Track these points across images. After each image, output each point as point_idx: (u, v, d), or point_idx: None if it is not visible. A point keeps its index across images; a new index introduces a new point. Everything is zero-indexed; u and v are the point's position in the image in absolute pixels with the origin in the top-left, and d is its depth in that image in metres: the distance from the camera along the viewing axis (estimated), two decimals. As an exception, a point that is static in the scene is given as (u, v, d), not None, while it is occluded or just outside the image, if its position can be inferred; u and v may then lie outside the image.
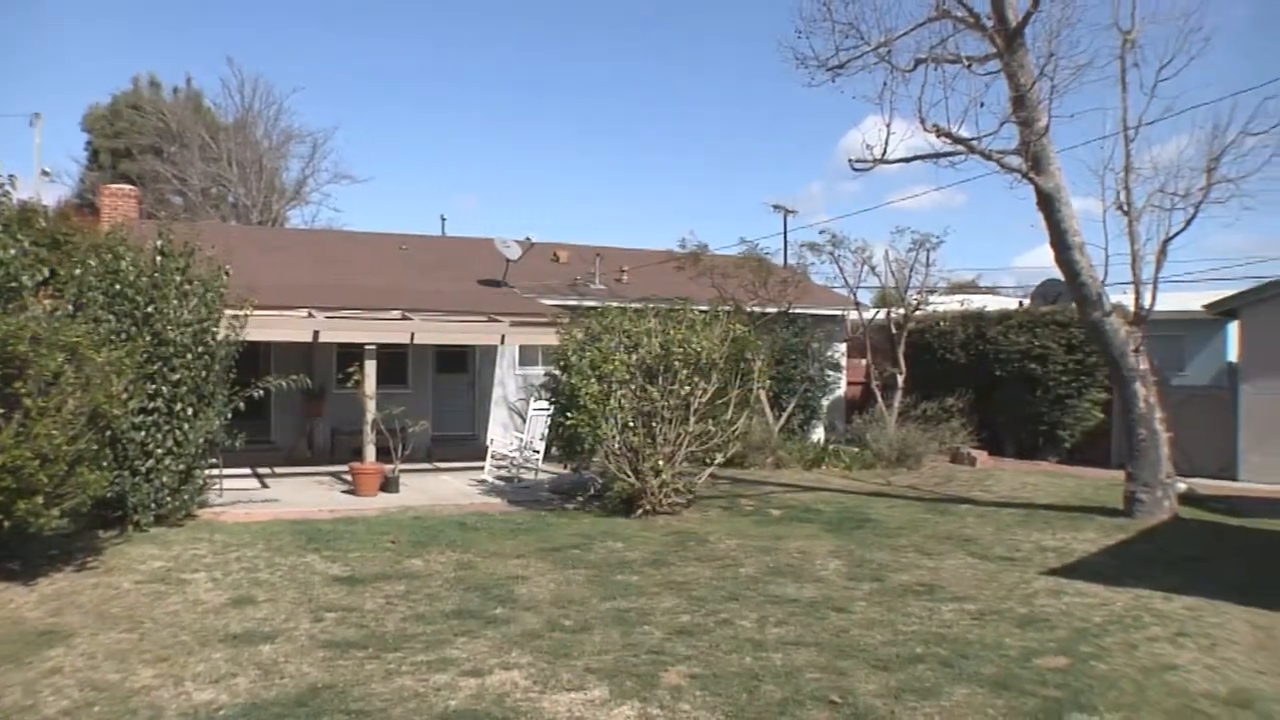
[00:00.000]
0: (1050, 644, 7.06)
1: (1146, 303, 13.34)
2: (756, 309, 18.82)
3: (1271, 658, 6.94)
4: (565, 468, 14.27)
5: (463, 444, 18.73)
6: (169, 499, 10.61)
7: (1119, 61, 12.98)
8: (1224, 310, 18.69)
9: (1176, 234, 13.15)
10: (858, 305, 21.34)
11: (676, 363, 12.51)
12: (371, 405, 13.90)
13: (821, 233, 28.07)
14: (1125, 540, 11.44)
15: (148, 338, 10.44)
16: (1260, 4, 61.04)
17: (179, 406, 10.66)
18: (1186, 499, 14.33)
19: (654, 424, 12.45)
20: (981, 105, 13.43)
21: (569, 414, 12.58)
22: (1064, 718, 5.54)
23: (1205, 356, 22.06)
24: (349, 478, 13.87)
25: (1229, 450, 17.86)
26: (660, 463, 12.29)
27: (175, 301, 10.83)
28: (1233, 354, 19.73)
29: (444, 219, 40.63)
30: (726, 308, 15.82)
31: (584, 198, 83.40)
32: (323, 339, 14.11)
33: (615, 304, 15.15)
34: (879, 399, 20.14)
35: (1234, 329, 19.33)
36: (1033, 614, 7.93)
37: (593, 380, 12.43)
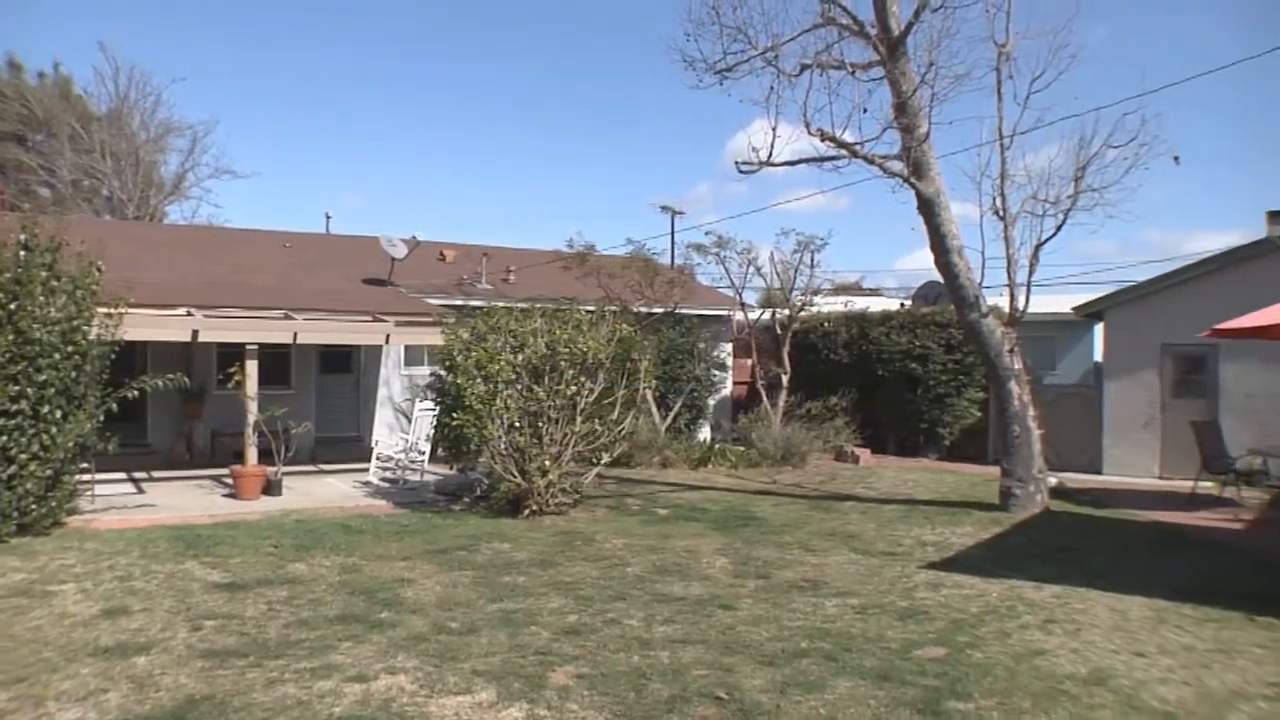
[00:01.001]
0: (929, 635, 7.21)
1: (1021, 304, 13.77)
2: (643, 309, 18.89)
3: (1125, 638, 7.26)
4: (451, 468, 14.10)
5: (347, 445, 18.36)
6: (34, 507, 10.13)
7: (995, 73, 13.42)
8: (1091, 312, 19.42)
9: (1048, 239, 13.66)
10: (743, 306, 21.58)
11: (563, 363, 12.46)
12: (253, 406, 13.52)
13: (708, 234, 28.37)
14: (1000, 534, 11.79)
15: (10, 336, 9.98)
16: (1119, 24, 63.70)
17: (46, 409, 10.21)
18: (1057, 492, 14.83)
19: (540, 424, 12.38)
20: (865, 111, 13.72)
21: (454, 414, 12.43)
22: (942, 706, 5.66)
23: (1075, 356, 22.93)
24: (230, 481, 13.49)
25: (1095, 445, 18.55)
26: (547, 463, 12.22)
27: (41, 298, 10.37)
28: (1099, 354, 20.50)
29: (329, 217, 39.74)
30: (613, 308, 15.84)
31: (472, 197, 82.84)
32: (202, 339, 13.65)
33: (502, 304, 15.06)
34: (764, 398, 20.40)
35: (1100, 330, 20.08)
36: (913, 607, 8.10)
37: (478, 380, 12.30)
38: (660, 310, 19.71)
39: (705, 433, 22.04)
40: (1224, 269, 17.22)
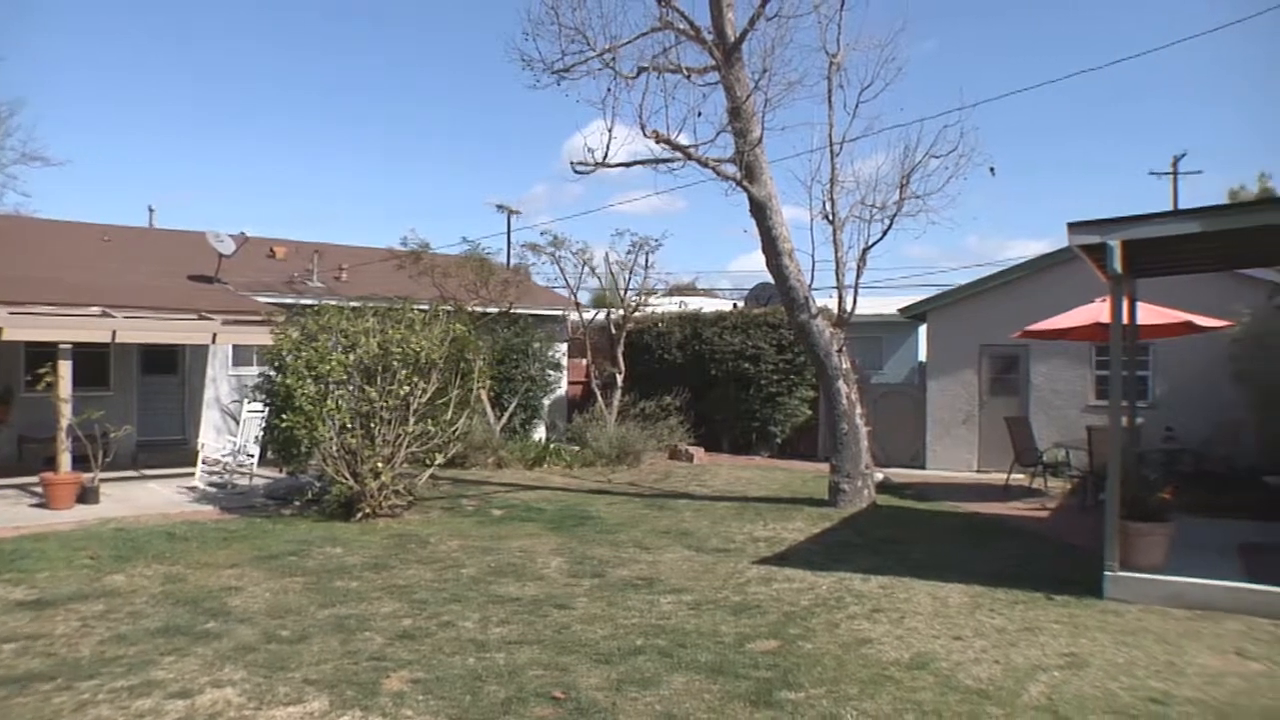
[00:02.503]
0: (762, 629, 7.39)
1: (849, 306, 14.25)
2: (478, 309, 18.76)
3: (945, 623, 7.61)
4: (282, 472, 13.68)
5: (172, 449, 17.59)
6: None
7: (826, 81, 13.88)
8: (915, 314, 20.23)
9: (875, 243, 14.22)
10: (578, 306, 21.64)
11: (395, 362, 12.26)
12: (67, 409, 12.82)
13: (544, 234, 28.41)
14: (830, 528, 12.16)
15: None
16: (945, 40, 66.63)
17: None
18: (883, 487, 15.40)
19: (373, 425, 12.15)
20: (700, 115, 14.01)
21: (284, 416, 12.07)
22: (774, 696, 5.81)
23: (900, 356, 23.85)
24: (40, 489, 12.72)
25: (919, 441, 19.33)
26: (380, 464, 12.00)
27: None
28: (923, 354, 21.36)
29: (152, 210, 38.06)
30: (447, 307, 15.64)
31: (304, 194, 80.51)
32: (8, 337, 12.85)
33: (334, 302, 14.70)
34: (599, 398, 20.51)
35: (924, 331, 20.93)
36: (746, 601, 8.28)
37: (309, 381, 11.99)
38: (495, 310, 19.61)
39: (540, 433, 22.02)
40: (1034, 275, 18.22)
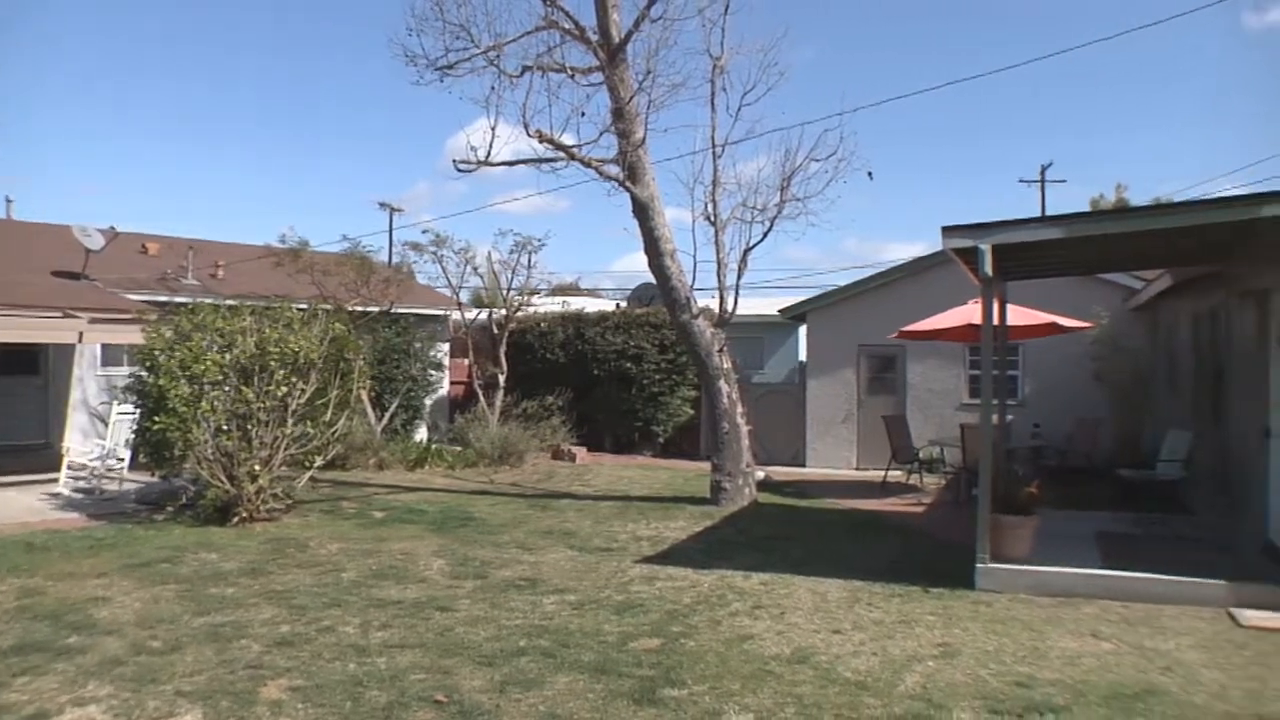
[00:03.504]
0: (645, 627, 7.44)
1: (730, 306, 14.41)
2: (359, 308, 18.45)
3: (825, 618, 7.79)
4: (154, 476, 13.23)
5: (34, 454, 16.80)
6: None
7: (710, 84, 14.02)
8: (795, 315, 20.56)
9: (756, 244, 14.42)
10: (461, 305, 21.45)
11: (273, 362, 11.98)
12: (-88, 413, 12.18)
13: (425, 232, 28.06)
14: (711, 526, 12.30)
15: None
16: (824, 47, 68.04)
17: None
18: (765, 485, 15.62)
19: (250, 426, 11.86)
20: (583, 115, 13.94)
21: (156, 418, 11.66)
22: (658, 694, 5.86)
23: (781, 356, 24.22)
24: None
25: (800, 440, 19.66)
26: (257, 467, 11.72)
27: None
28: (803, 354, 21.73)
29: (10, 201, 36.19)
30: (327, 306, 15.36)
31: (176, 188, 77.91)
32: None
33: (209, 300, 14.28)
34: (481, 398, 20.37)
35: (804, 331, 21.30)
36: (629, 600, 8.33)
37: (182, 381, 11.63)
38: (376, 309, 19.29)
39: (422, 433, 21.76)
40: (911, 277, 18.73)
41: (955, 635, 7.26)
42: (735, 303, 14.47)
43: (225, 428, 11.72)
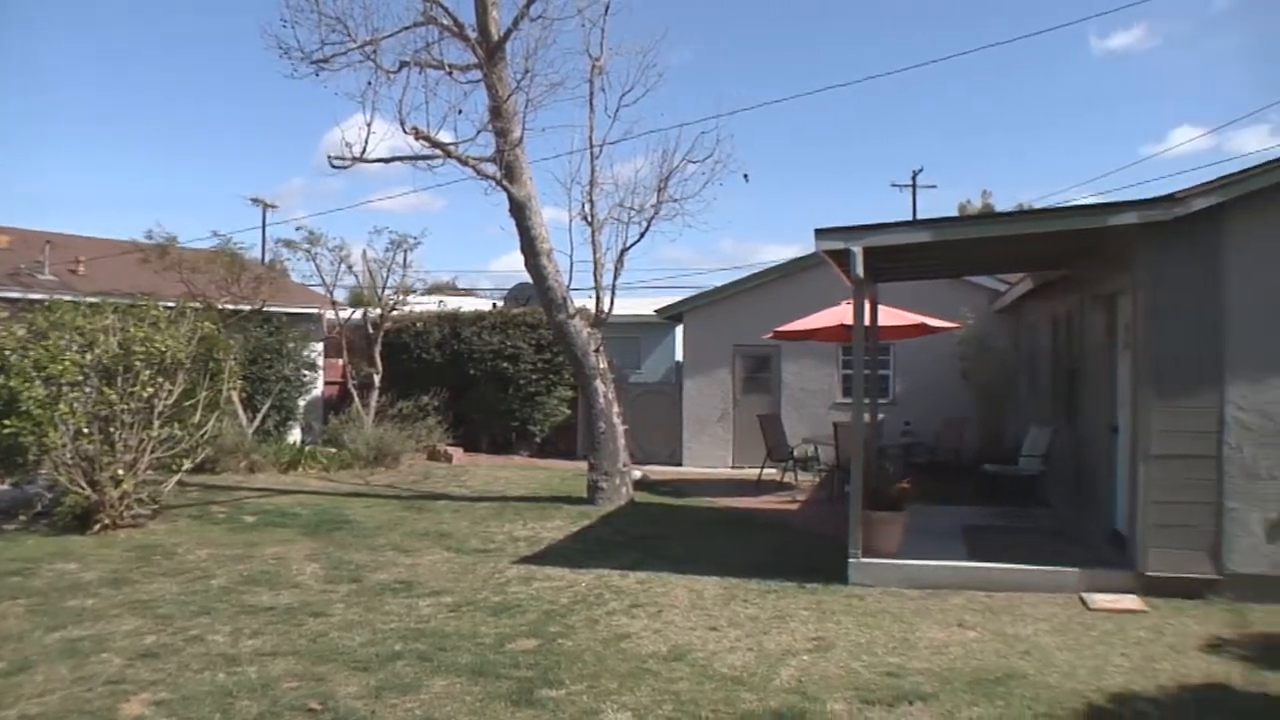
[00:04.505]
0: (522, 628, 7.42)
1: (607, 306, 14.47)
2: (229, 306, 17.95)
3: (701, 615, 7.89)
4: (4, 483, 12.63)
5: None
6: None
7: (588, 84, 14.09)
8: (672, 315, 20.77)
9: (632, 244, 14.55)
10: (335, 304, 21.06)
11: (138, 362, 11.55)
12: None
13: (299, 229, 27.39)
14: (588, 526, 12.33)
15: None
16: (702, 49, 68.78)
17: None
18: (641, 485, 15.73)
19: (113, 429, 11.42)
20: (461, 113, 13.86)
21: (7, 421, 11.12)
22: (535, 695, 5.85)
23: (658, 356, 24.42)
24: None
25: (676, 439, 19.83)
26: (120, 471, 11.29)
27: None
28: (679, 353, 21.94)
29: None
30: (196, 305, 14.90)
31: (32, 177, 74.51)
32: None
33: (68, 297, 13.72)
34: (356, 399, 20.02)
35: (680, 331, 21.50)
36: (506, 601, 8.30)
37: (37, 383, 11.12)
38: (248, 308, 18.79)
39: (296, 435, 21.27)
40: (785, 278, 19.08)
41: (829, 629, 7.43)
42: (612, 303, 14.53)
43: (86, 431, 11.26)
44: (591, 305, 14.84)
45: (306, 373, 21.24)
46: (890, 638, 7.19)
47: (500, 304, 25.08)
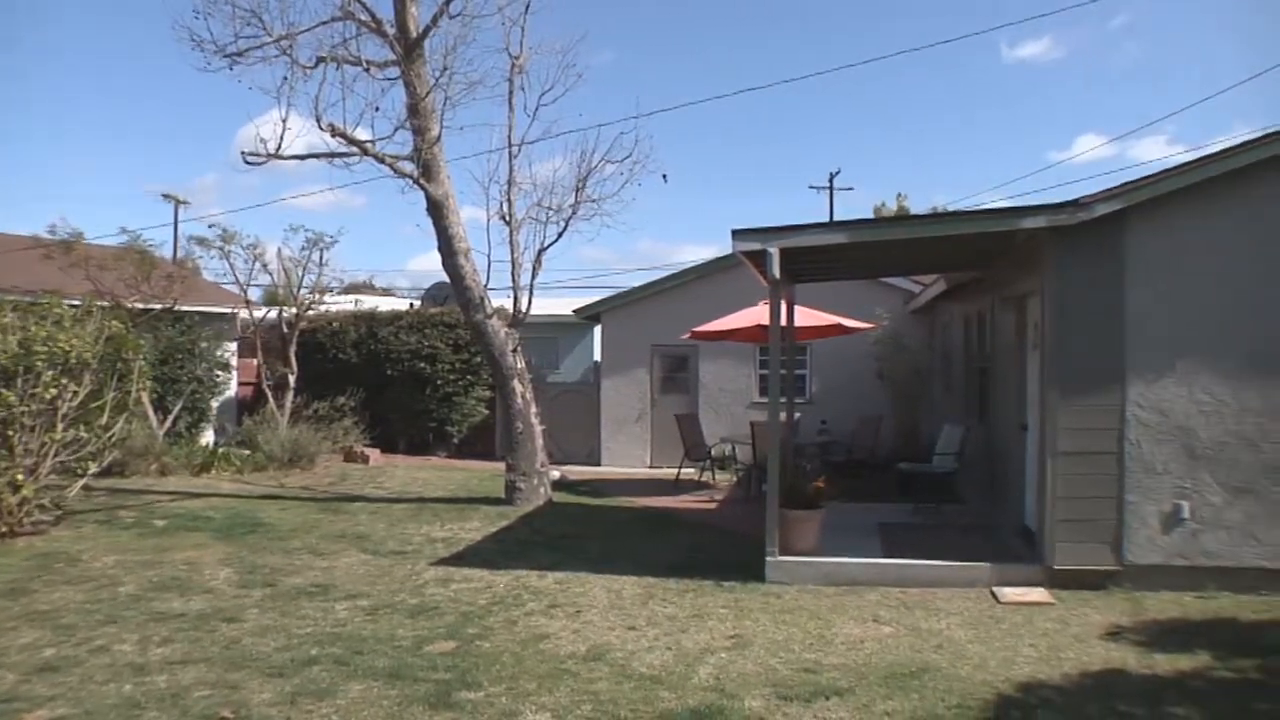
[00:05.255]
0: (440, 630, 7.38)
1: (524, 306, 14.42)
2: (139, 305, 17.50)
3: (620, 615, 7.92)
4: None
5: None
6: None
7: (508, 83, 14.03)
8: (590, 315, 20.76)
9: (550, 244, 14.53)
10: (249, 304, 20.67)
11: (40, 363, 11.18)
12: None
13: (212, 227, 26.85)
14: (507, 526, 12.28)
15: None
16: (622, 50, 68.89)
17: None
18: (560, 485, 15.71)
19: (12, 433, 11.03)
20: (378, 110, 13.69)
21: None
22: (453, 698, 5.82)
23: (576, 356, 24.40)
24: None
25: (595, 439, 19.84)
26: (20, 477, 10.91)
27: None
28: (598, 354, 21.95)
29: None
30: (103, 303, 14.50)
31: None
32: None
33: (-38, 296, 13.24)
34: (271, 399, 19.69)
35: (598, 331, 21.52)
36: (423, 604, 8.24)
37: (-72, 385, 10.73)
38: (159, 307, 18.34)
39: (209, 436, 20.83)
40: (703, 278, 19.19)
41: (746, 627, 7.50)
42: (530, 302, 14.49)
43: (-17, 434, 10.90)
44: (509, 305, 14.77)
45: (220, 373, 20.80)
46: (807, 634, 7.28)
47: (418, 303, 24.84)
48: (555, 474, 15.61)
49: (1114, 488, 8.59)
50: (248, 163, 13.22)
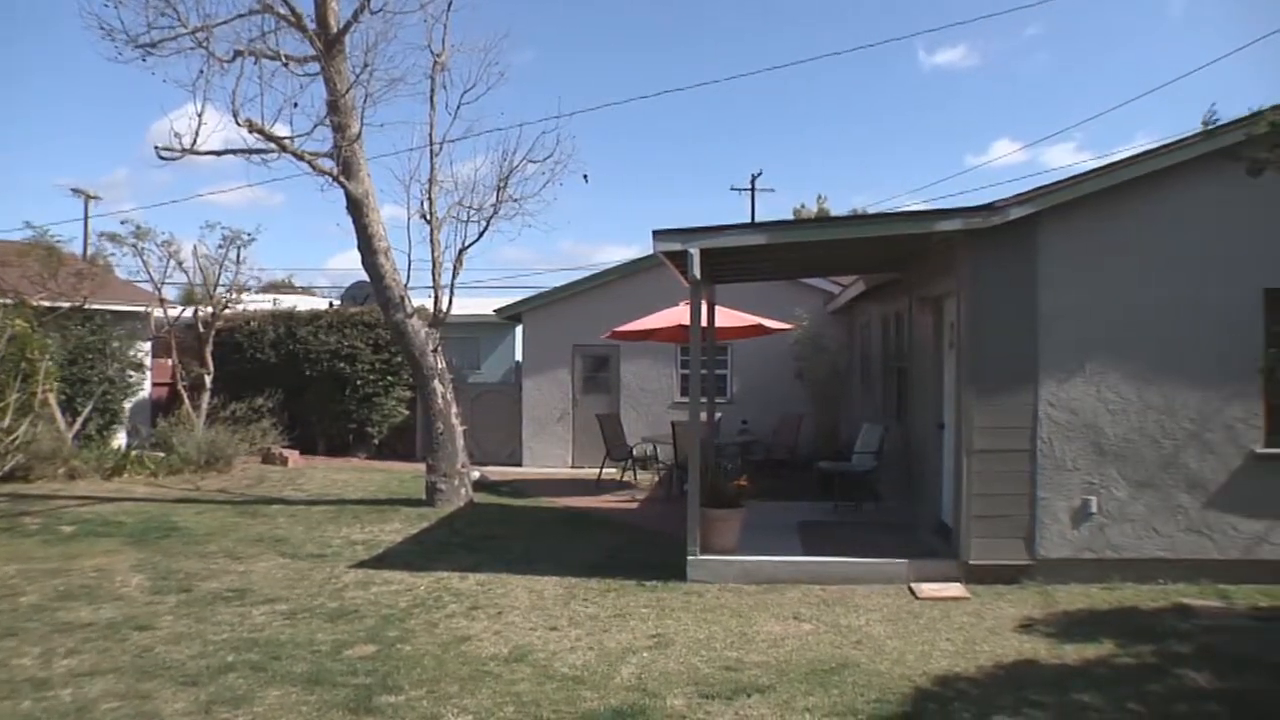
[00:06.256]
0: (360, 634, 7.30)
1: (445, 306, 14.31)
2: (45, 303, 17.00)
3: (542, 615, 7.92)
4: None
5: None
6: None
7: (429, 80, 13.90)
8: (511, 315, 20.67)
9: (472, 244, 14.44)
10: (164, 302, 20.19)
11: (-61, 364, 10.86)
12: None
13: (124, 223, 26.13)
14: (428, 528, 12.18)
15: None
16: (544, 50, 68.69)
17: None
18: (481, 485, 15.63)
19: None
20: (296, 106, 13.44)
21: None
22: (374, 702, 5.76)
23: (498, 356, 24.30)
24: None
25: (516, 439, 19.75)
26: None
27: None
28: (519, 354, 21.87)
29: None
30: (6, 301, 14.08)
31: None
32: None
33: None
34: (186, 401, 19.27)
35: (520, 331, 21.44)
36: (343, 607, 8.14)
37: None
38: (67, 305, 17.83)
39: (121, 439, 20.29)
40: (625, 278, 19.22)
41: (668, 626, 7.54)
42: (450, 302, 14.39)
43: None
44: (430, 304, 14.65)
45: (132, 374, 20.28)
46: (728, 633, 7.34)
47: (337, 303, 24.52)
48: (476, 475, 15.53)
49: (1027, 484, 8.84)
50: (162, 158, 12.89)
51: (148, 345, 21.26)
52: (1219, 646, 6.89)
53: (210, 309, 19.79)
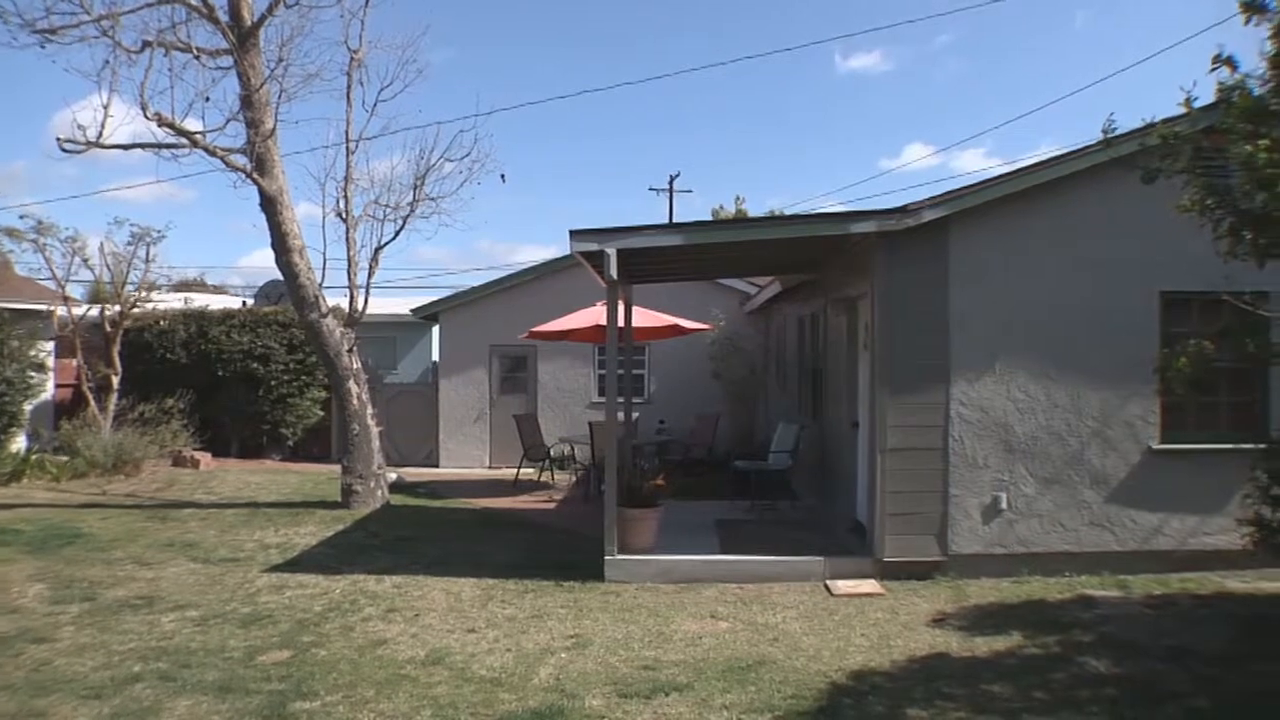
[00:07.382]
0: (274, 639, 7.19)
1: (361, 305, 14.14)
2: (-61, 302, 16.44)
3: (459, 617, 7.90)
4: None
5: None
6: None
7: (346, 77, 13.74)
8: (428, 314, 20.51)
9: (388, 243, 14.29)
10: (68, 300, 19.62)
11: None
12: None
13: (24, 217, 25.31)
14: (343, 530, 12.03)
15: None
16: (462, 48, 68.18)
17: None
18: (397, 487, 15.48)
19: None
20: (209, 100, 13.18)
21: None
22: (288, 709, 5.68)
23: (415, 356, 24.07)
24: None
25: (433, 440, 19.60)
26: None
27: None
28: (436, 354, 21.70)
29: None
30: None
31: None
32: None
33: None
34: (92, 402, 18.75)
35: (437, 331, 21.28)
36: (256, 612, 8.01)
37: None
38: (-40, 303, 17.27)
39: (21, 443, 19.67)
40: (543, 279, 19.19)
41: (586, 626, 7.56)
42: (366, 301, 14.23)
43: None
44: (345, 304, 14.47)
45: (33, 374, 19.63)
46: (646, 632, 7.38)
47: (250, 302, 24.05)
48: (393, 476, 15.37)
49: (939, 482, 9.03)
50: (65, 150, 12.48)
51: (50, 345, 20.62)
52: (1117, 634, 7.17)
53: (118, 308, 19.28)
